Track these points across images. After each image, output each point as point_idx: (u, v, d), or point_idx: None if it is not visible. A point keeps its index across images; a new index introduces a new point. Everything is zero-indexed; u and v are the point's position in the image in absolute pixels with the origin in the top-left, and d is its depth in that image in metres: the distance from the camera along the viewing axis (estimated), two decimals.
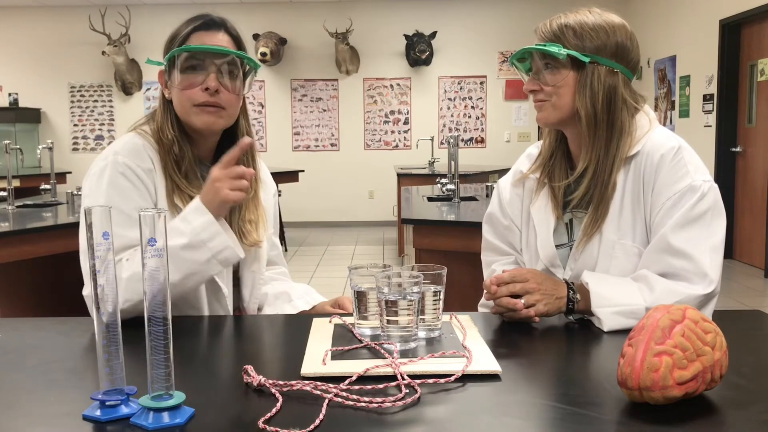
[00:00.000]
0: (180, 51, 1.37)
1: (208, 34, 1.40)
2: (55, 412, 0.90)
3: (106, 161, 1.37)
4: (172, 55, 1.37)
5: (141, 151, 1.39)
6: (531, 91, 1.41)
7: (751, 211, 6.05)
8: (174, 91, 1.40)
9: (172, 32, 1.43)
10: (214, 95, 1.37)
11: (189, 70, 1.38)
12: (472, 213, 3.34)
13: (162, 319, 0.83)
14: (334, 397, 0.91)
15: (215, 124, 1.40)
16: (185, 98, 1.39)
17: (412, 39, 8.63)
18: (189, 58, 1.38)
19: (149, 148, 1.40)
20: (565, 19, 1.37)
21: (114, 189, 1.34)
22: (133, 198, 1.34)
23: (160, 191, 1.39)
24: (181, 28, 1.42)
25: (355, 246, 7.45)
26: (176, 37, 1.41)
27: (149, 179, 1.38)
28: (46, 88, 8.90)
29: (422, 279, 1.12)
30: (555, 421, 0.85)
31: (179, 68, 1.37)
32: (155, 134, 1.42)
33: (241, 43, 1.46)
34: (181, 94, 1.39)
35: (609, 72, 1.35)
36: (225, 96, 1.39)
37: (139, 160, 1.37)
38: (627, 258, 1.35)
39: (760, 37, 5.92)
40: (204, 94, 1.37)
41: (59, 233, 2.95)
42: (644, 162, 1.35)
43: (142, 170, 1.37)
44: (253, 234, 1.49)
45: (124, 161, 1.36)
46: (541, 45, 1.36)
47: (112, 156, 1.37)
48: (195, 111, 1.39)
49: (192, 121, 1.40)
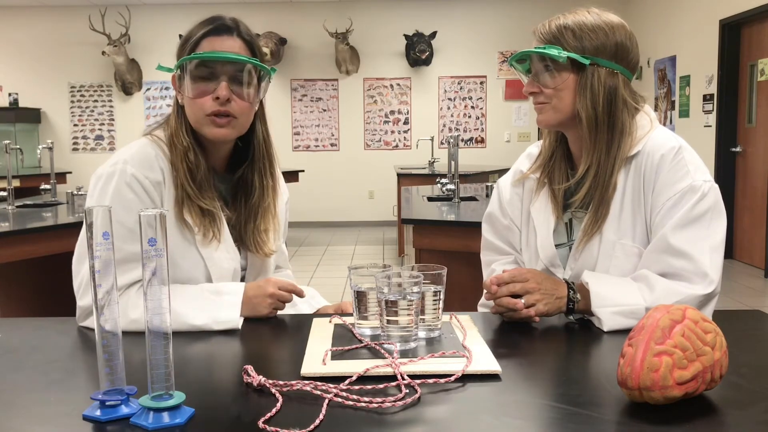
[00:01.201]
0: (189, 59, 1.32)
1: (219, 40, 1.35)
2: (55, 412, 0.90)
3: (115, 168, 1.33)
4: (182, 62, 1.33)
5: (152, 161, 1.35)
6: (531, 93, 1.40)
7: (751, 211, 6.05)
8: (185, 99, 1.36)
9: (185, 36, 1.38)
10: (225, 104, 1.33)
11: (199, 79, 1.33)
12: (472, 213, 3.34)
13: (162, 320, 0.83)
14: (334, 397, 0.91)
15: (227, 136, 1.36)
16: (196, 107, 1.34)
17: (412, 39, 8.63)
18: (199, 65, 1.33)
19: (161, 158, 1.36)
20: (564, 20, 1.36)
21: (118, 200, 1.31)
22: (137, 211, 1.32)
23: (167, 204, 1.35)
24: (192, 32, 1.37)
25: (355, 246, 7.45)
26: (188, 42, 1.36)
27: (157, 192, 1.34)
28: (46, 88, 8.90)
29: (422, 279, 1.12)
30: (555, 421, 0.85)
31: (190, 76, 1.33)
32: (169, 140, 1.38)
33: (255, 47, 1.39)
34: (192, 102, 1.35)
35: (609, 73, 1.35)
36: (237, 105, 1.34)
37: (149, 172, 1.34)
38: (627, 258, 1.35)
39: (760, 37, 5.92)
40: (214, 103, 1.32)
41: (59, 233, 2.95)
42: (645, 162, 1.34)
43: (150, 182, 1.33)
44: (268, 244, 1.47)
45: (132, 172, 1.32)
46: (540, 48, 1.35)
47: (121, 164, 1.33)
48: (206, 121, 1.35)
49: (203, 132, 1.36)
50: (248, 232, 1.45)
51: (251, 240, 1.45)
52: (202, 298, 1.31)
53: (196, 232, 1.36)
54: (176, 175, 1.36)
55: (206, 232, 1.37)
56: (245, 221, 1.45)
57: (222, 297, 1.31)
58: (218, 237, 1.38)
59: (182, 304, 1.27)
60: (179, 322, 1.24)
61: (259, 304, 1.33)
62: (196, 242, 1.37)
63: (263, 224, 1.46)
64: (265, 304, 1.33)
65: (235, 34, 1.37)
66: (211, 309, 1.29)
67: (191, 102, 1.35)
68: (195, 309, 1.28)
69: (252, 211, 1.45)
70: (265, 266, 1.51)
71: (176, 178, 1.36)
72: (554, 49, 1.34)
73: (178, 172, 1.36)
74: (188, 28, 1.40)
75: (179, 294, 1.29)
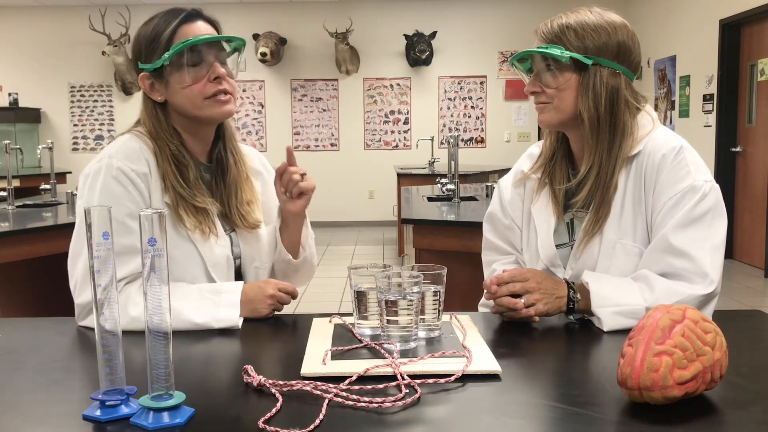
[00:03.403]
0: (185, 45, 1.33)
1: (194, 26, 1.38)
2: (55, 412, 0.90)
3: (100, 164, 1.35)
4: (175, 51, 1.34)
5: (137, 153, 1.36)
6: (532, 93, 1.40)
7: (751, 211, 6.05)
8: (175, 90, 1.38)
9: (149, 34, 1.38)
10: (222, 83, 1.37)
11: (192, 66, 1.36)
12: (472, 213, 3.34)
13: (162, 319, 0.83)
14: (334, 397, 0.91)
15: (231, 111, 1.41)
16: (195, 93, 1.36)
17: (412, 39, 8.63)
18: (190, 53, 1.35)
19: (146, 150, 1.38)
20: (566, 20, 1.36)
21: (107, 195, 1.32)
22: (126, 204, 1.32)
23: (155, 195, 1.37)
24: (159, 27, 1.38)
25: (355, 246, 7.45)
26: (160, 37, 1.37)
27: (144, 183, 1.35)
28: (46, 88, 8.89)
29: (422, 279, 1.12)
30: (555, 421, 0.85)
31: (185, 64, 1.35)
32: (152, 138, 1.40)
33: (218, 25, 1.44)
34: (188, 91, 1.36)
35: (611, 73, 1.34)
36: (228, 82, 1.39)
37: (135, 164, 1.35)
38: (628, 258, 1.35)
39: (760, 37, 5.91)
40: (213, 84, 1.36)
41: (59, 233, 2.95)
42: (645, 162, 1.34)
43: (136, 174, 1.34)
44: (252, 214, 1.49)
45: (118, 165, 1.33)
46: (542, 48, 1.35)
47: (107, 159, 1.35)
48: (208, 104, 1.37)
49: (206, 114, 1.39)
50: (232, 208, 1.46)
51: (236, 215, 1.46)
52: (202, 298, 1.31)
53: (193, 231, 1.37)
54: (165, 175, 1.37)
55: (203, 229, 1.38)
56: (227, 199, 1.46)
57: (221, 296, 1.32)
58: (215, 231, 1.41)
59: (182, 303, 1.28)
60: (179, 320, 1.25)
61: (260, 304, 1.34)
62: (188, 233, 1.38)
63: (245, 196, 1.49)
64: (264, 305, 1.34)
65: (200, 18, 1.41)
66: (210, 307, 1.29)
67: (187, 91, 1.37)
68: (195, 308, 1.29)
69: (231, 187, 1.47)
70: (259, 249, 1.51)
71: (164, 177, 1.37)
72: (556, 48, 1.33)
73: (167, 175, 1.37)
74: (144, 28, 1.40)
75: (179, 293, 1.30)
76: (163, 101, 1.41)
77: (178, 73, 1.36)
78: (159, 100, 1.41)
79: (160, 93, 1.40)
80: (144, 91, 1.42)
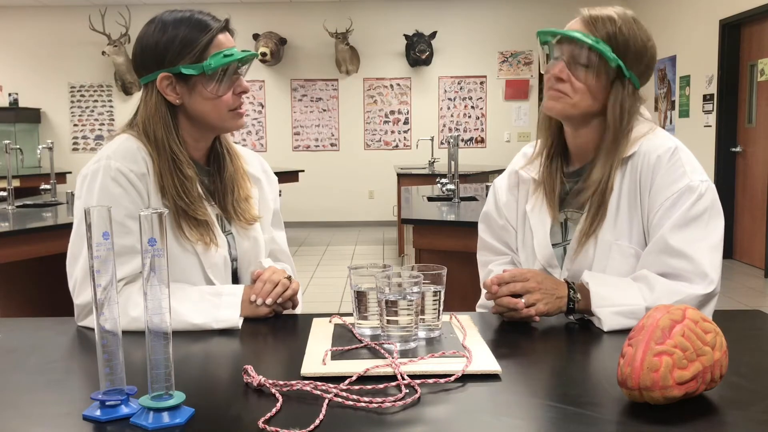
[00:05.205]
0: (233, 59, 1.34)
1: (224, 36, 1.38)
2: (55, 412, 0.90)
3: (98, 165, 1.34)
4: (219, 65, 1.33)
5: (135, 153, 1.35)
6: (557, 78, 1.35)
7: (751, 211, 6.05)
8: (201, 97, 1.36)
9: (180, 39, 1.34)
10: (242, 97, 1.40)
11: (225, 77, 1.36)
12: (472, 213, 3.34)
13: (162, 320, 0.83)
14: (334, 397, 0.91)
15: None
16: (222, 105, 1.37)
17: (412, 39, 8.63)
18: (228, 65, 1.35)
19: (143, 150, 1.36)
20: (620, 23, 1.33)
21: (105, 195, 1.32)
22: (125, 205, 1.32)
23: (153, 195, 1.36)
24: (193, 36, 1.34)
25: (355, 246, 7.45)
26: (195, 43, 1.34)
27: (142, 184, 1.34)
28: (46, 88, 8.89)
29: (422, 279, 1.12)
30: (555, 421, 0.86)
31: (224, 76, 1.35)
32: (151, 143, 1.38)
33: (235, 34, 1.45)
34: (218, 101, 1.36)
35: (634, 88, 1.36)
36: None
37: (133, 164, 1.34)
38: (623, 259, 1.35)
39: (760, 37, 5.91)
40: (237, 97, 1.39)
41: (59, 233, 2.95)
42: (641, 163, 1.34)
43: (135, 175, 1.33)
44: (250, 210, 1.49)
45: (117, 166, 1.33)
46: (594, 40, 1.30)
47: (105, 160, 1.34)
48: (230, 116, 1.40)
49: (226, 126, 1.41)
50: (229, 204, 1.46)
51: (233, 211, 1.46)
52: (202, 299, 1.31)
53: (195, 243, 1.36)
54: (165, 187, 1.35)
55: (205, 240, 1.38)
56: (225, 196, 1.46)
57: (221, 298, 1.32)
58: (215, 241, 1.40)
59: (182, 304, 1.27)
60: (179, 321, 1.25)
61: (260, 305, 1.34)
62: (192, 245, 1.37)
63: (242, 192, 1.48)
64: (264, 307, 1.34)
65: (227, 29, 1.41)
66: (211, 309, 1.29)
67: (216, 101, 1.36)
68: (195, 309, 1.28)
69: (228, 185, 1.47)
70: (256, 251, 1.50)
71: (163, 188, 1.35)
72: (610, 52, 1.31)
73: (168, 188, 1.35)
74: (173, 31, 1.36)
75: (179, 294, 1.29)
76: (179, 105, 1.38)
77: (211, 83, 1.35)
78: (176, 103, 1.37)
79: (179, 96, 1.37)
80: (159, 90, 1.36)
